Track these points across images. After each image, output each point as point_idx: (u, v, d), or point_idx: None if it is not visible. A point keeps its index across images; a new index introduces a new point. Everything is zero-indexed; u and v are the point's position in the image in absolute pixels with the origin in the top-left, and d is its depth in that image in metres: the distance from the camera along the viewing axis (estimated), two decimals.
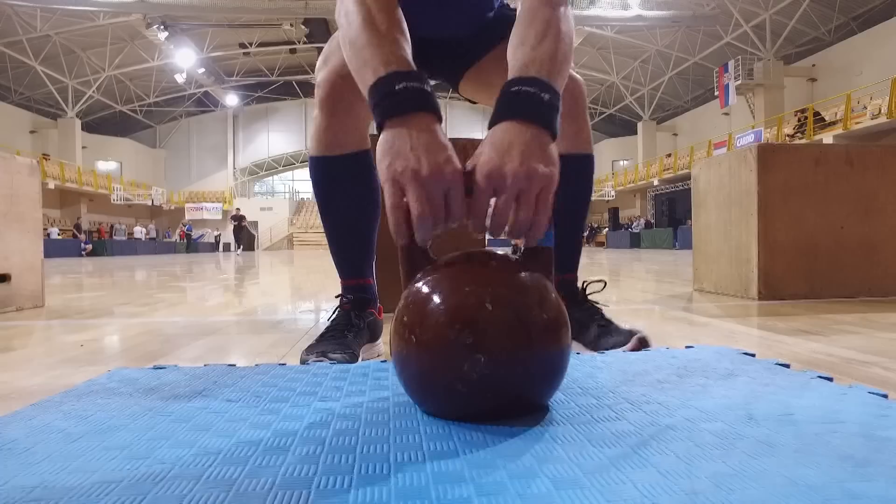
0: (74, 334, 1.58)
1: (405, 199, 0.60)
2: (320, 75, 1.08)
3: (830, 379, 0.74)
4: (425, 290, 0.59)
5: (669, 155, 26.12)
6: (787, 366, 0.83)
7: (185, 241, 22.78)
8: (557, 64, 0.73)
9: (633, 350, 1.01)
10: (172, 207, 31.32)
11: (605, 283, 1.26)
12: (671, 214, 25.73)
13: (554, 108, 0.68)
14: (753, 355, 0.92)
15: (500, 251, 0.67)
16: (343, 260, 1.19)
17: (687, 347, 1.00)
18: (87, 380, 0.81)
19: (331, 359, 0.98)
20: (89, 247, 20.95)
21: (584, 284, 1.22)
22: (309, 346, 1.05)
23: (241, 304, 2.44)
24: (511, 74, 0.71)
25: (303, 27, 23.85)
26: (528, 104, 0.67)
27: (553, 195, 0.64)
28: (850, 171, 2.22)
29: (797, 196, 2.20)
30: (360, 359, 1.09)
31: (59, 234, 21.62)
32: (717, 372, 0.80)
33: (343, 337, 1.08)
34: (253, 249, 24.92)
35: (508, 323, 0.56)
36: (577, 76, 1.15)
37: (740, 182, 2.30)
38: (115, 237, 24.47)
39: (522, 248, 0.64)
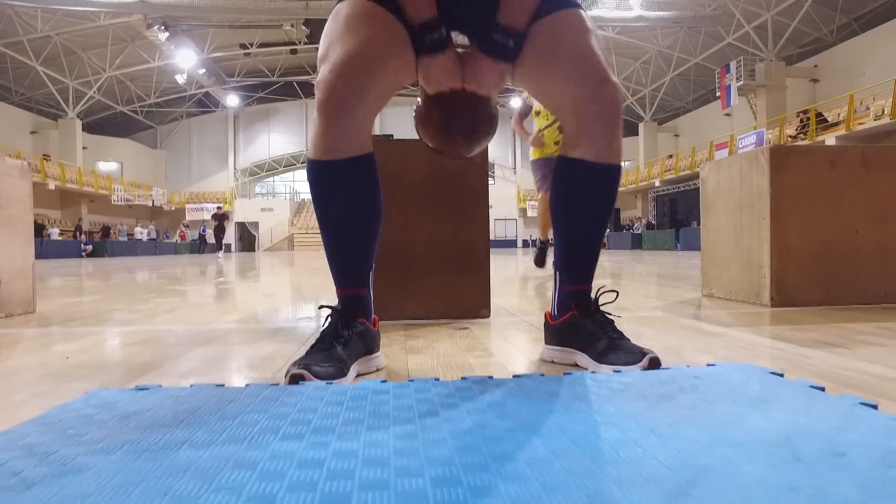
0: (62, 344, 1.51)
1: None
2: (320, 74, 1.03)
3: (875, 406, 0.67)
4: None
5: (671, 156, 26.04)
6: (822, 388, 0.77)
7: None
8: (525, 12, 1.07)
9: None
10: (173, 208, 31.27)
11: (618, 294, 1.19)
12: (673, 216, 25.64)
13: (517, 50, 1.08)
14: (781, 375, 0.86)
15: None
16: (339, 268, 1.13)
17: (709, 365, 0.93)
18: (61, 404, 0.75)
19: (314, 372, 0.92)
20: (89, 248, 20.92)
21: (597, 295, 1.16)
22: (295, 361, 0.99)
23: (239, 310, 2.37)
24: (500, 18, 1.05)
25: (304, 28, 23.79)
26: (501, 50, 1.06)
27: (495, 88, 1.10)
28: (866, 173, 2.15)
29: (811, 199, 2.13)
30: (353, 372, 1.03)
31: (59, 235, 21.58)
32: (746, 396, 0.73)
33: (331, 348, 1.02)
34: (246, 250, 24.56)
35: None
36: (616, 80, 1.10)
37: (752, 185, 2.23)
38: (113, 238, 24.38)
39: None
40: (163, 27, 21.51)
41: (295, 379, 0.88)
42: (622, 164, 1.15)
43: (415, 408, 0.72)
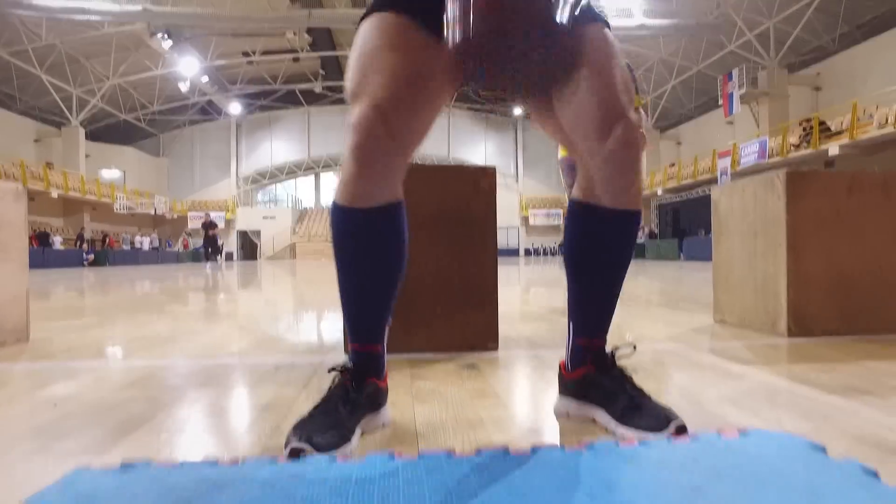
0: (52, 385, 1.45)
1: None
2: (356, 112, 0.92)
3: None
4: None
5: (673, 164, 25.99)
6: (875, 473, 0.70)
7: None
8: None
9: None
10: (175, 216, 31.23)
11: (635, 348, 1.12)
12: (675, 225, 25.57)
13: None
14: (824, 449, 0.79)
15: None
16: (355, 321, 1.05)
17: (741, 435, 0.86)
18: (34, 495, 0.68)
19: (315, 444, 0.84)
20: (91, 257, 20.93)
21: (613, 350, 1.09)
22: (297, 425, 0.91)
23: (239, 337, 2.31)
24: None
25: (306, 36, 23.86)
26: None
27: None
28: (886, 199, 2.08)
29: (829, 226, 2.07)
30: (357, 435, 0.96)
31: (61, 244, 21.56)
32: (792, 486, 0.66)
33: (335, 413, 0.94)
34: (253, 259, 24.20)
35: None
36: (634, 117, 0.98)
37: (766, 210, 2.16)
38: (114, 247, 24.33)
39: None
40: (166, 35, 21.57)
41: (295, 453, 0.82)
42: (639, 209, 1.04)
43: (427, 498, 0.65)
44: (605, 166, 0.99)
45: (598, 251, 1.07)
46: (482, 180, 1.80)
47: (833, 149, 16.26)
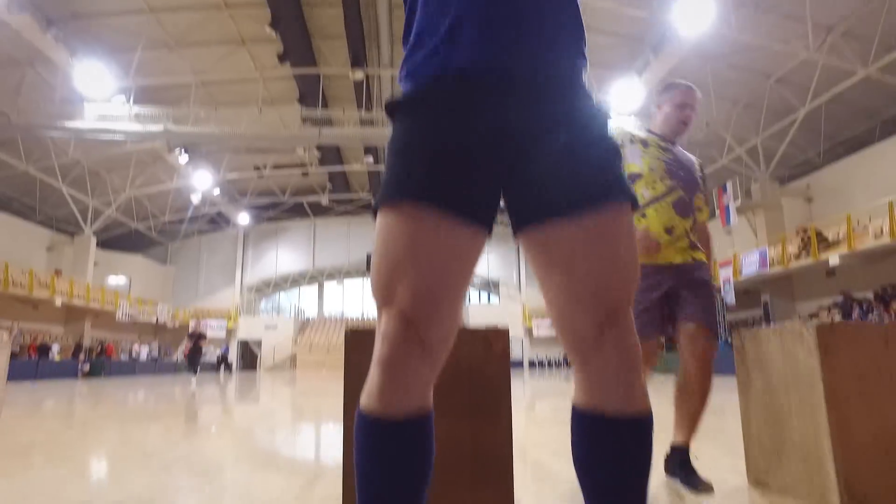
0: None
1: None
2: (385, 323, 0.88)
3: None
4: None
5: None
6: None
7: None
8: None
9: None
10: (177, 325, 30.88)
11: None
12: None
13: None
14: None
15: None
16: None
17: None
18: None
19: None
20: (87, 367, 20.50)
21: None
22: None
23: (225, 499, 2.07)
24: None
25: (315, 151, 25.09)
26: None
27: None
28: None
29: (871, 382, 1.91)
30: None
31: (58, 354, 21.12)
32: None
33: None
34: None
35: None
36: (630, 316, 0.91)
37: (797, 364, 2.02)
38: (111, 355, 23.90)
39: None
40: (183, 151, 22.72)
41: None
42: (650, 412, 0.92)
43: None
44: (605, 367, 0.90)
45: (610, 463, 0.93)
46: (495, 343, 1.68)
47: (833, 258, 16.36)
